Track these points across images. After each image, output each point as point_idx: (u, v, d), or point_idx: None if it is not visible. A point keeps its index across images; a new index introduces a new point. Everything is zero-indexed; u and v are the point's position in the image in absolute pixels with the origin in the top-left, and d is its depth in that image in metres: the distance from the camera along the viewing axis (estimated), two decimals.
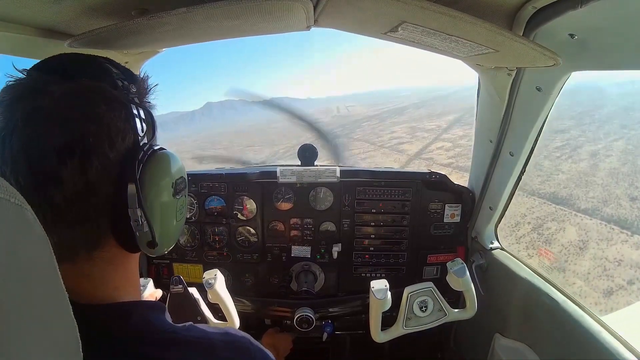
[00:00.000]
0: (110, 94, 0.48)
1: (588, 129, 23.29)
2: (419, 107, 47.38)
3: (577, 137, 22.38)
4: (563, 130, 22.77)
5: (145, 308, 0.52)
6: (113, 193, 0.47)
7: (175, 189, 0.55)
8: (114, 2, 0.75)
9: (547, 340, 1.21)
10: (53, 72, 0.48)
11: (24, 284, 0.27)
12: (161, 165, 0.53)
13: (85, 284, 0.49)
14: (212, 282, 1.24)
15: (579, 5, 0.71)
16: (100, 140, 0.46)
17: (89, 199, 0.46)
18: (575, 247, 13.06)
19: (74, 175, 0.44)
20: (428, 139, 33.57)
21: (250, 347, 0.57)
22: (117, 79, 0.51)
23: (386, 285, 1.30)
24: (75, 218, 0.46)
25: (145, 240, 0.51)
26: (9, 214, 0.27)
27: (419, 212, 1.68)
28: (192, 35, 0.96)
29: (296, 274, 1.70)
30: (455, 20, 0.70)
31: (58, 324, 0.31)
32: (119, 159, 0.48)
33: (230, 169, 1.82)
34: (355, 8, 0.77)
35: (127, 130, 0.49)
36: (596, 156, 20.16)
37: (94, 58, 0.53)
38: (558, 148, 21.02)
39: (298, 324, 1.48)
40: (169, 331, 0.51)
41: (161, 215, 0.53)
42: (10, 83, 0.47)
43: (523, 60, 0.94)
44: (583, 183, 17.10)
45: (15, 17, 0.75)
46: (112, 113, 0.47)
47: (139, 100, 0.53)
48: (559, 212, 14.96)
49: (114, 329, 0.48)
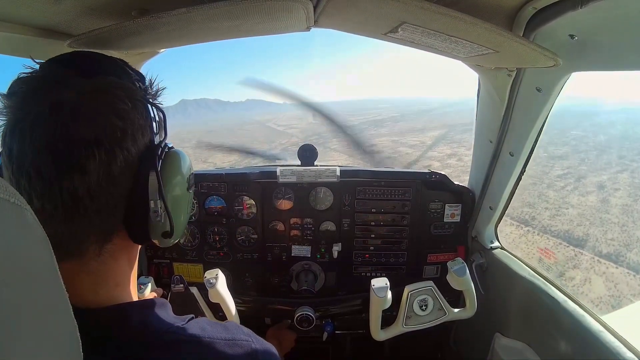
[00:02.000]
0: (134, 92, 0.51)
1: (587, 157, 22.19)
2: (398, 121, 45.93)
3: (578, 165, 21.31)
4: (561, 156, 21.77)
5: (144, 308, 0.53)
6: (132, 186, 0.50)
7: (189, 183, 0.59)
8: (114, 2, 0.75)
9: (547, 340, 1.21)
10: (73, 67, 0.50)
11: (23, 285, 0.27)
12: (178, 161, 0.56)
13: (89, 283, 0.50)
14: (214, 281, 1.24)
15: (579, 6, 0.71)
16: (125, 135, 0.48)
17: (110, 191, 0.48)
18: (606, 304, 11.66)
19: (99, 167, 0.46)
20: (412, 155, 32.32)
21: (252, 344, 0.57)
22: (135, 79, 0.53)
23: (387, 283, 1.30)
24: (95, 210, 0.47)
25: (161, 230, 0.53)
26: (9, 214, 0.27)
27: (419, 212, 1.68)
28: (192, 36, 0.96)
29: (296, 273, 1.70)
30: (456, 20, 0.70)
31: (58, 325, 0.32)
32: (139, 154, 0.50)
33: (230, 169, 1.82)
34: (356, 9, 0.77)
35: (146, 128, 0.52)
36: (604, 189, 19.08)
37: (110, 58, 0.55)
38: (560, 177, 19.95)
39: (298, 323, 1.48)
40: (169, 331, 0.51)
41: (177, 206, 0.56)
42: (23, 76, 0.48)
43: (523, 60, 0.94)
44: (597, 221, 15.84)
45: (15, 17, 0.75)
46: (136, 110, 0.50)
47: (153, 101, 0.55)
48: (579, 258, 13.63)
49: (114, 333, 0.48)
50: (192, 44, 1.07)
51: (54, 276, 0.31)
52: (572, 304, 1.16)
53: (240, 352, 0.54)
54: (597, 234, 14.49)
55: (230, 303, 1.30)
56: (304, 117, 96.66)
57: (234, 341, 0.55)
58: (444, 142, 30.13)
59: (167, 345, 0.50)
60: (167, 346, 0.49)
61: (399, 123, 42.67)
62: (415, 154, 32.07)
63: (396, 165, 2.56)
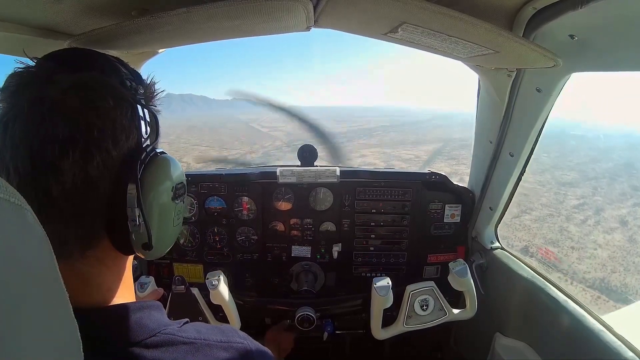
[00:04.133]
0: (119, 90, 0.48)
1: (598, 185, 19.75)
2: (388, 131, 43.92)
3: (592, 195, 18.54)
4: (571, 183, 19.08)
5: (139, 309, 0.51)
6: (112, 191, 0.47)
7: (175, 194, 0.55)
8: (114, 2, 0.75)
9: (547, 339, 1.21)
10: (62, 63, 0.48)
11: (24, 285, 0.27)
12: (163, 169, 0.53)
13: (79, 285, 0.48)
14: (216, 283, 1.25)
15: (579, 6, 0.71)
16: (104, 135, 0.46)
17: (87, 194, 0.45)
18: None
19: (74, 167, 0.44)
20: (409, 170, 30.97)
21: (248, 347, 0.56)
22: (126, 78, 0.51)
23: (389, 282, 1.31)
24: (72, 212, 0.45)
25: (140, 241, 0.50)
26: (9, 214, 0.27)
27: (419, 212, 1.68)
28: (192, 36, 0.96)
29: (296, 273, 1.70)
30: (456, 21, 0.70)
31: (59, 325, 0.31)
32: (120, 158, 0.47)
33: (230, 169, 1.82)
34: (356, 9, 0.77)
35: (132, 130, 0.49)
36: (626, 225, 16.90)
37: (104, 55, 0.53)
38: (577, 208, 17.61)
39: (299, 323, 1.48)
40: (165, 332, 0.50)
41: (159, 218, 0.53)
42: (17, 70, 0.47)
43: (523, 61, 0.94)
44: (632, 266, 13.83)
45: (15, 17, 0.75)
46: (119, 110, 0.47)
47: (145, 102, 0.53)
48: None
49: (109, 333, 0.47)
50: (192, 43, 1.07)
51: (54, 276, 0.31)
52: (572, 303, 1.16)
53: (236, 354, 0.53)
54: (634, 283, 12.79)
55: (231, 305, 1.31)
56: (289, 119, 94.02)
57: (229, 343, 0.54)
58: (441, 158, 27.52)
59: (163, 345, 0.49)
60: (163, 346, 0.49)
61: (390, 133, 41.13)
62: (411, 168, 30.77)
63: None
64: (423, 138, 31.98)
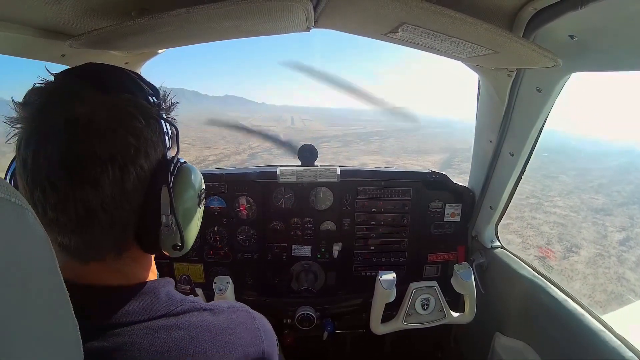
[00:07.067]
0: (147, 109, 0.52)
1: (632, 213, 15.87)
2: (386, 137, 41.58)
3: (631, 227, 14.22)
4: (604, 209, 12.76)
5: (165, 285, 0.58)
6: (144, 201, 0.51)
7: (199, 199, 0.60)
8: (114, 3, 0.75)
9: (547, 339, 1.21)
10: (87, 81, 0.50)
11: (24, 285, 0.27)
12: (189, 177, 0.57)
13: (117, 276, 0.53)
14: (224, 288, 1.27)
15: (579, 7, 0.71)
16: (138, 153, 0.49)
17: (122, 205, 0.49)
18: None
19: (113, 183, 0.47)
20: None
21: (248, 309, 0.65)
22: (149, 94, 0.54)
23: (394, 277, 1.32)
24: (109, 222, 0.49)
25: (172, 243, 0.55)
26: (10, 214, 0.27)
27: (419, 212, 1.68)
28: (192, 36, 0.96)
29: (297, 273, 1.70)
30: (456, 21, 0.70)
31: (59, 324, 0.32)
32: (151, 171, 0.51)
33: (230, 168, 1.82)
34: (356, 9, 0.77)
35: (158, 144, 0.53)
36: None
37: (124, 71, 0.56)
38: (623, 245, 11.10)
39: (299, 322, 1.49)
40: (187, 301, 0.57)
41: (189, 221, 0.58)
42: (38, 86, 0.49)
43: (523, 61, 0.94)
44: None
45: (15, 17, 0.75)
46: (149, 128, 0.51)
47: (166, 116, 0.56)
48: None
49: (149, 304, 0.53)
50: (192, 44, 1.07)
51: (55, 276, 0.31)
52: (572, 303, 1.16)
53: (243, 314, 0.62)
54: None
55: None
56: (280, 119, 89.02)
57: (234, 308, 0.62)
58: (451, 170, 24.94)
59: (189, 311, 0.55)
60: (190, 312, 0.55)
61: (388, 140, 39.55)
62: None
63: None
64: (425, 147, 30.29)
